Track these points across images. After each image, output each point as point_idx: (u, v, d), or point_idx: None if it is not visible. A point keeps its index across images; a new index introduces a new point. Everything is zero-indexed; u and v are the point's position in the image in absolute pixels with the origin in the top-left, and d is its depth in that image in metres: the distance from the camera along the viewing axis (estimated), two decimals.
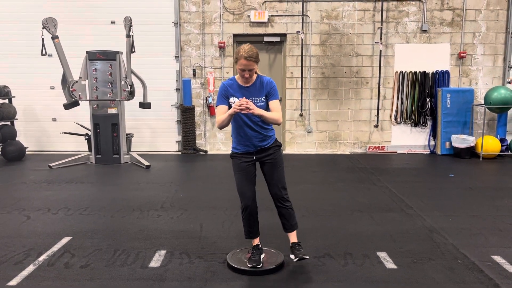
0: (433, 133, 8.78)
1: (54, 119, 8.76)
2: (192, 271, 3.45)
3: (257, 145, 3.40)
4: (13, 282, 3.25)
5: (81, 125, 8.18)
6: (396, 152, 8.78)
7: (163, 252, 3.82)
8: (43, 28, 7.08)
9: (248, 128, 3.34)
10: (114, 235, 4.21)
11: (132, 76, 7.59)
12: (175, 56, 8.57)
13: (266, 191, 3.56)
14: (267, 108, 3.36)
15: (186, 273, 3.42)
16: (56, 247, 3.90)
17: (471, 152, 8.17)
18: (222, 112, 3.30)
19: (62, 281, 3.28)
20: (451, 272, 3.46)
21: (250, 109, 3.10)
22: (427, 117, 8.76)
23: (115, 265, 3.55)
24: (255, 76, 3.35)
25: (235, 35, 8.57)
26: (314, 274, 3.43)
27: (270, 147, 3.44)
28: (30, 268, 3.49)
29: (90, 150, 7.87)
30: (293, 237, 3.56)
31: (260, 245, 3.58)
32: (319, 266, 3.57)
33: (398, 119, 8.79)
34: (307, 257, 3.45)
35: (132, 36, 7.34)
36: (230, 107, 3.31)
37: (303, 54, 8.57)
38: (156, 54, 8.51)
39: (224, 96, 3.35)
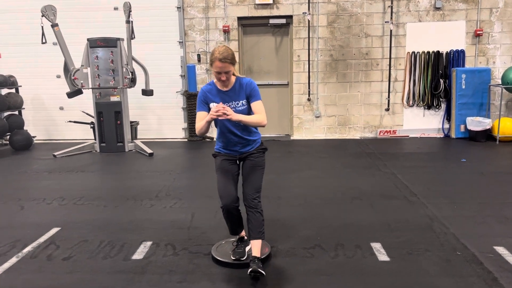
0: (448, 116, 8.41)
1: (61, 108, 8.78)
2: (174, 264, 3.34)
3: (240, 151, 3.23)
4: None
5: (87, 113, 8.16)
6: (408, 136, 8.46)
7: (148, 243, 3.72)
8: (42, 16, 7.02)
9: (232, 134, 3.16)
10: (103, 226, 4.14)
11: (134, 63, 7.49)
12: (179, 42, 8.42)
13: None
14: (249, 111, 3.15)
15: (168, 265, 3.32)
16: (42, 239, 3.85)
17: (487, 135, 7.80)
18: (201, 119, 3.11)
19: (41, 274, 3.22)
20: (447, 264, 3.25)
21: (227, 115, 2.91)
22: (441, 99, 8.39)
23: (97, 257, 3.47)
24: (233, 78, 3.14)
25: (239, 18, 8.34)
26: (301, 266, 3.27)
27: (254, 152, 3.25)
28: (13, 260, 3.45)
29: (95, 138, 7.85)
30: (255, 249, 3.11)
31: (245, 238, 3.44)
32: (307, 258, 3.41)
33: (410, 102, 8.45)
34: (263, 273, 2.97)
35: (132, 22, 7.20)
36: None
37: (310, 36, 8.29)
38: (160, 40, 8.38)
39: (203, 102, 3.16)
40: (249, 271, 2.98)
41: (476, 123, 7.80)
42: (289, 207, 4.58)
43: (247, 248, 3.38)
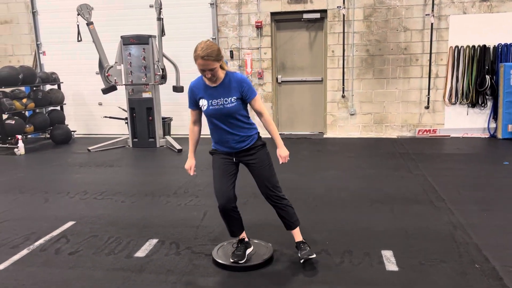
0: (494, 115, 7.84)
1: (100, 104, 9.06)
2: (174, 263, 3.31)
3: (235, 147, 3.09)
4: (0, 266, 3.32)
5: (122, 109, 8.37)
6: (449, 136, 7.98)
7: (154, 241, 3.72)
8: (78, 14, 7.25)
9: (223, 131, 3.04)
10: (115, 222, 4.19)
11: (165, 60, 7.57)
12: (212, 38, 8.41)
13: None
14: (240, 107, 3.01)
15: (168, 265, 3.29)
16: (56, 232, 3.96)
17: None
18: (192, 118, 3.20)
19: (46, 268, 3.29)
20: (461, 278, 2.98)
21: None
22: (486, 97, 7.84)
23: (102, 253, 3.51)
24: (222, 73, 3.00)
25: (272, 14, 8.21)
26: (301, 272, 3.13)
27: (251, 148, 3.11)
28: (23, 252, 3.56)
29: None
30: (296, 235, 3.30)
31: (245, 239, 3.34)
32: (311, 263, 3.25)
33: (453, 99, 7.96)
34: (313, 256, 3.16)
35: (162, 19, 7.27)
36: (200, 110, 3.10)
37: (345, 31, 8.01)
38: (193, 37, 8.32)
39: (192, 100, 3.10)
40: (301, 261, 3.19)
41: None
42: (304, 208, 4.41)
43: (247, 251, 3.28)
